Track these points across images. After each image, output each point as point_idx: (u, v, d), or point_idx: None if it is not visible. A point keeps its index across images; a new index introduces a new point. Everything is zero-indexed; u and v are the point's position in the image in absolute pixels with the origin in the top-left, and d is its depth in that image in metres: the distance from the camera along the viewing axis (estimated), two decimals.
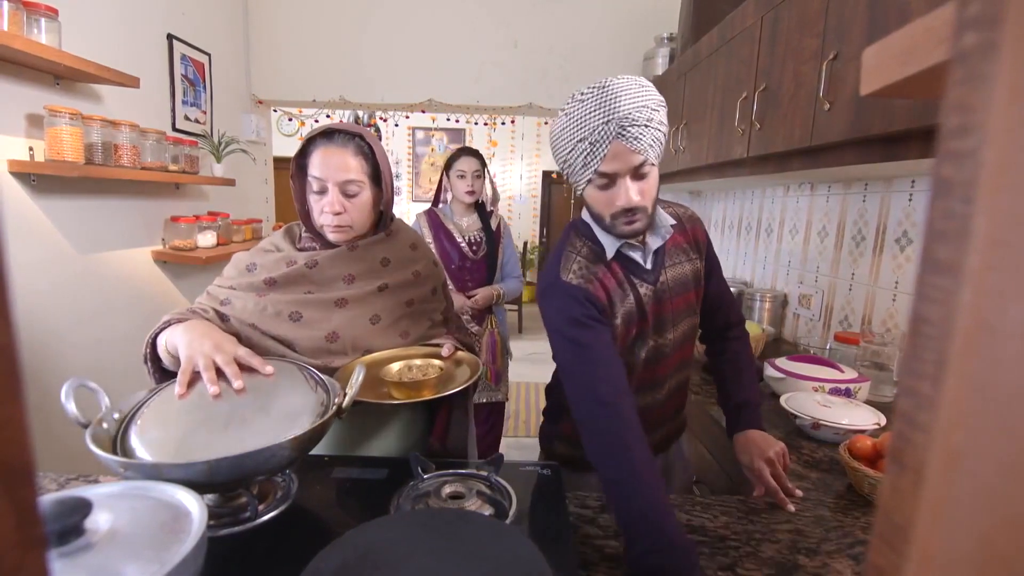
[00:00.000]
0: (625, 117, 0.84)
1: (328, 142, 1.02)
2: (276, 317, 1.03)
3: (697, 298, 1.12)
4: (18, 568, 0.17)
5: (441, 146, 7.42)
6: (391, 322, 1.11)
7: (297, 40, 3.20)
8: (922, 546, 0.18)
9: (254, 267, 1.07)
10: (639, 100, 0.85)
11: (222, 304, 1.03)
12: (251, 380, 0.85)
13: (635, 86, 0.86)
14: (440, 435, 1.14)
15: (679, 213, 1.11)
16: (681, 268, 1.07)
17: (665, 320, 1.05)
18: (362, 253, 1.10)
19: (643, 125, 0.85)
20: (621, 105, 0.84)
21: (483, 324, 2.20)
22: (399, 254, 1.15)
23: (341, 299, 1.06)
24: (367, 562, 0.57)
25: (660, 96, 0.90)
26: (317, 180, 1.02)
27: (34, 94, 1.73)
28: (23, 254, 1.71)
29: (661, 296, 1.04)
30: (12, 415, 0.17)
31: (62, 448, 1.59)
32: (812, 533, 0.90)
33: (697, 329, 1.17)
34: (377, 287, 1.09)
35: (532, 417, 3.62)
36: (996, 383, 0.17)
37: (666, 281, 1.04)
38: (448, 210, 2.23)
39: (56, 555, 0.50)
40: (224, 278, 1.09)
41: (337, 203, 1.02)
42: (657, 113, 0.87)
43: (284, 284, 1.05)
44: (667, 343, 1.07)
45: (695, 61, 2.25)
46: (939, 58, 0.25)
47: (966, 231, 0.17)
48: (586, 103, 0.86)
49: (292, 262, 1.06)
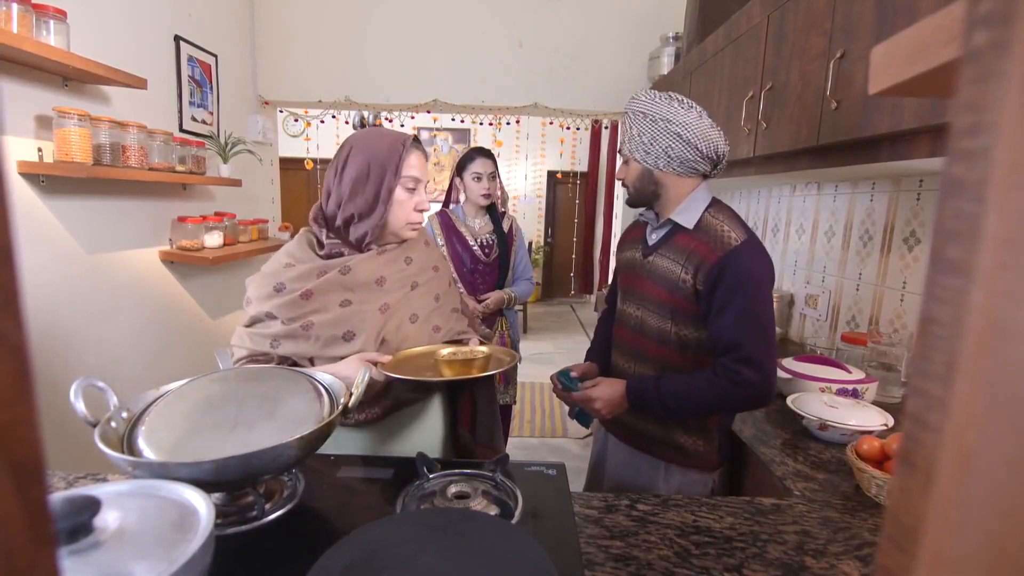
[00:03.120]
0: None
1: (417, 146, 1.10)
2: (331, 343, 1.03)
3: (675, 306, 1.15)
4: (30, 565, 0.17)
5: (446, 146, 7.43)
6: (425, 318, 1.14)
7: (303, 41, 3.21)
8: (931, 547, 0.18)
9: (283, 287, 1.04)
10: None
11: (272, 346, 1.01)
12: (257, 387, 0.86)
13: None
14: (469, 425, 1.19)
15: (720, 232, 1.12)
16: (668, 264, 1.17)
17: (633, 292, 1.26)
18: (392, 255, 1.11)
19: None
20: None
21: (494, 327, 2.18)
22: (418, 252, 1.17)
23: (384, 305, 1.08)
24: (374, 561, 0.57)
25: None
26: (413, 179, 1.07)
27: (43, 96, 1.75)
28: (32, 254, 1.72)
29: (636, 267, 1.25)
30: (23, 414, 0.17)
31: (71, 447, 1.60)
32: (819, 534, 0.89)
33: (666, 336, 1.18)
34: (410, 286, 1.12)
35: (537, 418, 3.62)
36: (1006, 383, 0.17)
37: (648, 262, 1.21)
38: (460, 212, 2.19)
39: (66, 553, 0.51)
40: (257, 311, 1.04)
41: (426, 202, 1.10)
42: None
43: (320, 294, 1.03)
44: (627, 314, 1.28)
45: (701, 60, 2.25)
46: (949, 56, 0.24)
47: (977, 231, 0.17)
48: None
49: (323, 271, 1.04)
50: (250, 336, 1.04)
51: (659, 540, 0.86)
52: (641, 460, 1.28)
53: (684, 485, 1.24)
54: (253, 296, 1.06)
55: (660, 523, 0.91)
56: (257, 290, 1.05)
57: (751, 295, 1.07)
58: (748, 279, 1.07)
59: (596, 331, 1.52)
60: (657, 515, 0.93)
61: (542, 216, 7.70)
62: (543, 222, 7.73)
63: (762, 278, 1.09)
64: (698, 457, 1.22)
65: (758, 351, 1.07)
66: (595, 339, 1.50)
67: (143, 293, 2.23)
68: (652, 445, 1.25)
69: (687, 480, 1.24)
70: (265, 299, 1.04)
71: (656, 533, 0.88)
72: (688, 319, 1.15)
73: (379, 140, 1.07)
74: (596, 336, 1.50)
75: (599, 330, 1.50)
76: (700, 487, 1.25)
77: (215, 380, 0.88)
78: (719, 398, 1.10)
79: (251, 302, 1.06)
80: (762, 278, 1.09)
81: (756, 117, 1.65)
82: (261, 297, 1.04)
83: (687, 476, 1.24)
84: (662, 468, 1.25)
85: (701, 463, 1.23)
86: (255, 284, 1.06)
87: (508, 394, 2.24)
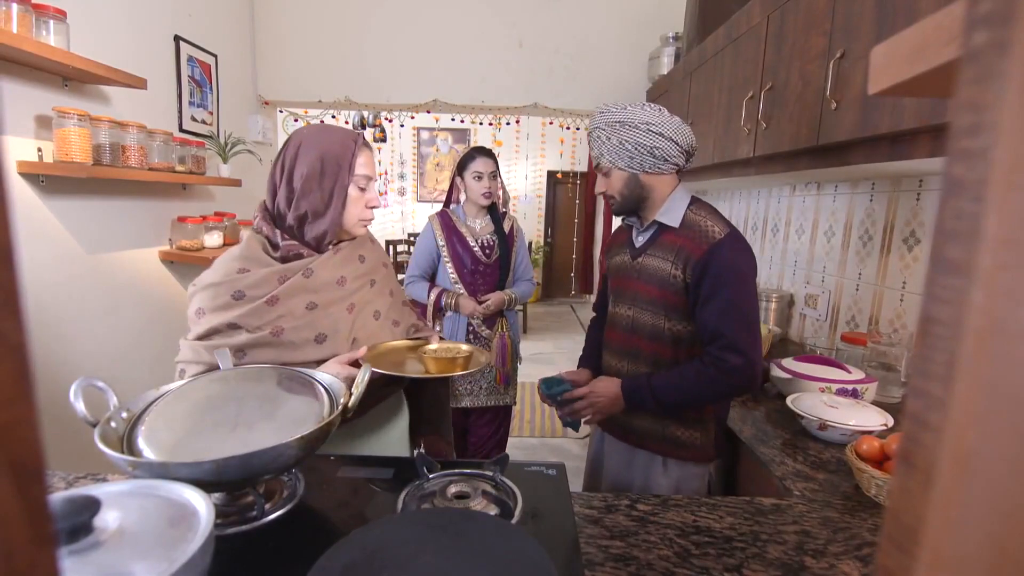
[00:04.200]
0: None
1: (366, 144, 1.11)
2: (304, 346, 1.01)
3: (667, 302, 1.19)
4: (30, 565, 0.17)
5: (446, 146, 7.43)
6: (386, 314, 1.16)
7: (303, 41, 3.21)
8: (932, 547, 0.18)
9: (242, 295, 0.99)
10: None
11: (237, 355, 0.97)
12: (257, 387, 0.86)
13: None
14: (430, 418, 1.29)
15: (704, 227, 1.17)
16: (658, 263, 1.21)
17: (624, 293, 1.29)
18: (346, 254, 1.11)
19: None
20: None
21: (494, 328, 2.16)
22: (368, 250, 1.17)
23: (350, 304, 1.08)
24: (374, 561, 0.57)
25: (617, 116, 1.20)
26: (365, 177, 1.08)
27: (43, 95, 1.75)
28: (32, 254, 1.72)
29: (627, 269, 1.28)
30: (23, 414, 0.17)
31: (71, 447, 1.60)
32: (819, 534, 0.89)
33: (659, 333, 1.22)
34: (369, 284, 1.14)
35: (537, 418, 3.62)
36: (1007, 383, 0.17)
37: (638, 263, 1.25)
38: (461, 212, 2.17)
39: (66, 553, 0.51)
40: (215, 322, 0.97)
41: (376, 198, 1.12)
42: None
43: (285, 298, 1.00)
44: (619, 315, 1.31)
45: (701, 60, 2.25)
46: (949, 56, 0.24)
47: (977, 231, 0.17)
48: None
49: (284, 276, 1.02)
50: (207, 349, 0.97)
51: (659, 540, 0.86)
52: (638, 457, 1.30)
53: (683, 479, 1.26)
54: (207, 307, 0.99)
55: (660, 523, 0.91)
56: (211, 301, 0.99)
57: (735, 286, 1.13)
58: (732, 270, 1.13)
59: (587, 338, 1.54)
60: (657, 515, 0.93)
61: (542, 216, 7.71)
62: (543, 222, 7.73)
63: (745, 269, 1.15)
64: (695, 449, 1.25)
65: (742, 338, 1.12)
66: (586, 346, 1.53)
67: (143, 293, 2.23)
68: (648, 441, 1.27)
69: (686, 474, 1.26)
70: (223, 309, 0.98)
71: (656, 533, 0.88)
72: (680, 313, 1.20)
73: (329, 136, 1.05)
74: (587, 343, 1.53)
75: (590, 337, 1.53)
76: (698, 480, 1.27)
77: (215, 380, 0.88)
78: (708, 386, 1.14)
79: (204, 313, 0.99)
80: (745, 269, 1.15)
81: (756, 117, 1.66)
82: (217, 308, 0.98)
83: (685, 469, 1.26)
84: (660, 463, 1.27)
85: (698, 455, 1.25)
86: (206, 295, 1.00)
87: (508, 395, 2.23)
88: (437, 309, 2.10)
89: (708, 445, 1.25)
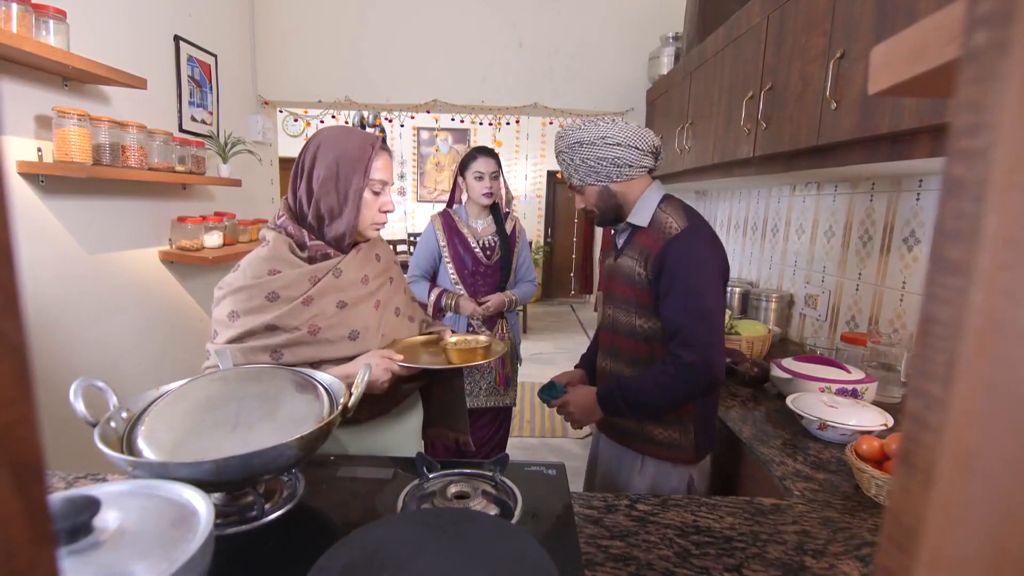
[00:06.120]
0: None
1: (384, 147, 1.12)
2: (339, 343, 1.05)
3: (636, 299, 1.22)
4: (30, 565, 0.17)
5: (445, 146, 7.43)
6: (403, 309, 1.22)
7: (303, 41, 3.21)
8: (931, 547, 0.18)
9: (276, 296, 1.01)
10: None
11: (273, 357, 1.00)
12: (257, 387, 0.86)
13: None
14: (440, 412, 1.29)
15: (664, 224, 1.19)
16: (630, 263, 1.24)
17: (608, 294, 1.33)
18: (366, 253, 1.15)
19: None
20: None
21: (494, 329, 2.15)
22: (381, 248, 1.22)
23: (376, 302, 1.13)
24: (374, 561, 0.57)
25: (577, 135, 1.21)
26: (381, 182, 1.09)
27: (42, 95, 1.75)
28: (32, 254, 1.72)
29: (611, 271, 1.32)
30: (23, 414, 0.17)
31: (71, 447, 1.60)
32: (819, 534, 0.89)
33: (632, 331, 1.25)
34: (388, 281, 1.18)
35: (537, 418, 3.62)
36: (1007, 383, 0.17)
37: (616, 264, 1.29)
38: (463, 212, 2.17)
39: (65, 553, 0.51)
40: (251, 324, 0.99)
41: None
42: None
43: (319, 297, 1.04)
44: (605, 315, 1.35)
45: (701, 60, 2.25)
46: (949, 56, 0.24)
47: (977, 231, 0.17)
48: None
49: (315, 275, 1.04)
50: (243, 352, 0.98)
51: (659, 540, 0.86)
52: (623, 454, 1.32)
53: (657, 477, 1.26)
54: (241, 310, 1.00)
55: (660, 523, 0.91)
56: (245, 303, 1.00)
57: (690, 279, 1.13)
58: (687, 263, 1.13)
59: (593, 337, 1.58)
60: (657, 515, 0.93)
61: (542, 216, 7.70)
62: (543, 222, 7.73)
63: (701, 261, 1.14)
64: (672, 449, 1.24)
65: (696, 333, 1.12)
66: (590, 345, 1.56)
67: (143, 293, 2.23)
68: (629, 439, 1.29)
69: (660, 472, 1.26)
70: (259, 311, 1.00)
71: (656, 533, 0.88)
72: (648, 311, 1.22)
73: (348, 139, 1.06)
74: (591, 342, 1.57)
75: (594, 338, 1.56)
76: (675, 481, 1.26)
77: (215, 380, 0.88)
78: (669, 386, 1.15)
79: (239, 316, 1.00)
80: (701, 261, 1.14)
81: (756, 117, 1.66)
82: (252, 309, 1.00)
83: (660, 468, 1.26)
84: (639, 461, 1.29)
85: (675, 455, 1.25)
86: (239, 298, 1.00)
87: (508, 396, 2.23)
88: (437, 309, 2.10)
89: (688, 446, 1.23)
